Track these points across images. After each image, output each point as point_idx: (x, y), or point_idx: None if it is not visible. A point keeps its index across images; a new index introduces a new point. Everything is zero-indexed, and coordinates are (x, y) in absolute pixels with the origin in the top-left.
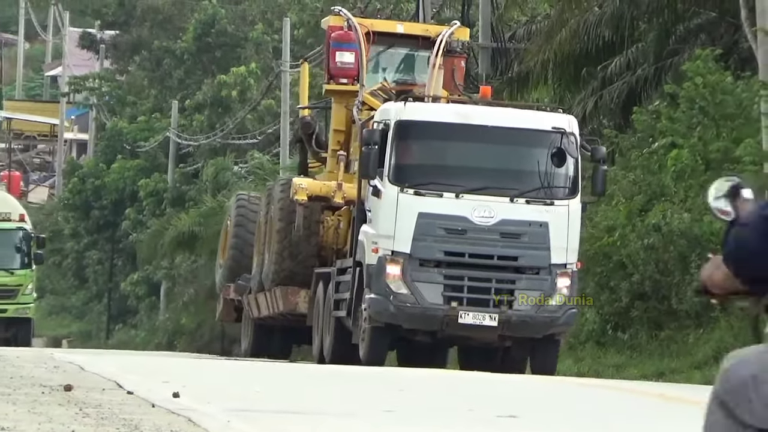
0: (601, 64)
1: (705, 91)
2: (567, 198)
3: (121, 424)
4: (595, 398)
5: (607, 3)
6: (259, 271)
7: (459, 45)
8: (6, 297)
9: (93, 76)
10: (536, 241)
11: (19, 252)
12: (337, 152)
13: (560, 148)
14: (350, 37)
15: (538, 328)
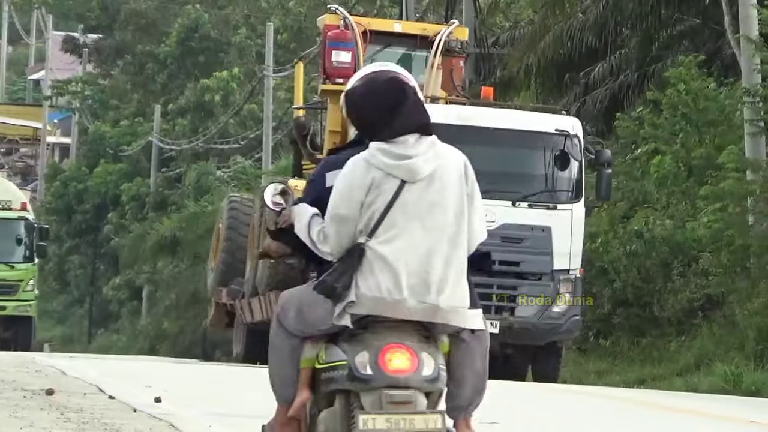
0: (584, 70)
1: (688, 97)
2: (570, 202)
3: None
4: (577, 405)
5: (591, 9)
6: (252, 275)
7: (458, 45)
8: (5, 293)
9: (76, 80)
10: (538, 247)
11: (21, 244)
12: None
13: (564, 150)
14: (347, 36)
15: (540, 335)
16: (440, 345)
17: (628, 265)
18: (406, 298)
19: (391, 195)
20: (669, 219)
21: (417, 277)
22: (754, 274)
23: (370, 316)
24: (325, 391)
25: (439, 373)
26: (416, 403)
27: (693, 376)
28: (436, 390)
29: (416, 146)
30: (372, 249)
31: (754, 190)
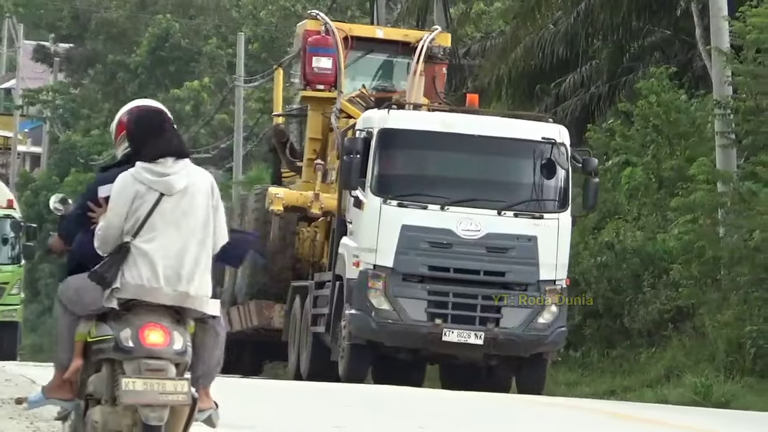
0: (555, 81)
1: (659, 109)
2: (557, 211)
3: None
4: (546, 416)
5: (562, 20)
6: (231, 284)
7: (440, 51)
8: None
9: (47, 89)
10: (524, 256)
11: (6, 244)
12: (315, 161)
13: (550, 159)
14: (328, 42)
15: (525, 346)
16: (188, 327)
17: (598, 276)
18: (162, 286)
19: (151, 204)
20: (640, 230)
21: (171, 270)
22: (724, 285)
23: (133, 300)
24: (95, 360)
25: (186, 348)
26: (168, 371)
27: (663, 388)
28: (184, 362)
29: (173, 167)
30: (136, 246)
31: (724, 201)
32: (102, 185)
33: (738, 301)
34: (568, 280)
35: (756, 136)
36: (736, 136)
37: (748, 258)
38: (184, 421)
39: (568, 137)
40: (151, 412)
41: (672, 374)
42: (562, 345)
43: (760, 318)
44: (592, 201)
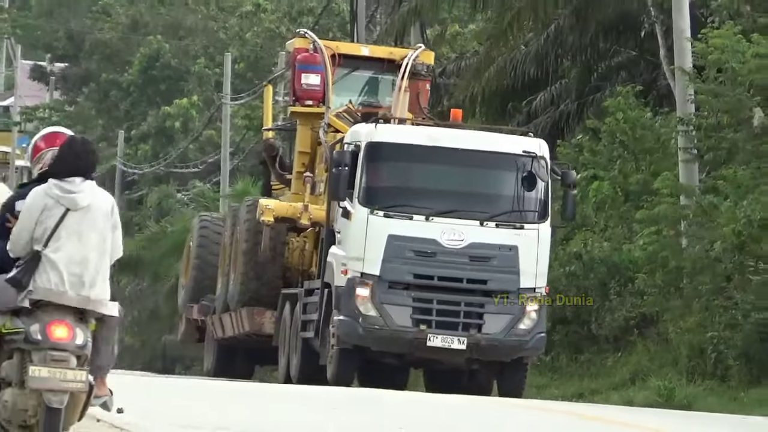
0: (526, 99)
1: (625, 126)
2: (537, 222)
3: None
4: (518, 417)
5: (532, 41)
6: (224, 292)
7: (424, 68)
8: None
9: (43, 107)
10: (506, 265)
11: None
12: (304, 174)
13: (531, 171)
14: (316, 60)
15: (506, 351)
16: (89, 324)
17: (567, 284)
18: (68, 291)
19: (59, 217)
20: (606, 241)
21: (75, 277)
22: (687, 293)
23: (43, 300)
24: (8, 349)
25: (87, 343)
26: (69, 361)
27: (628, 391)
28: (84, 354)
29: (80, 186)
30: (45, 255)
31: (687, 214)
32: (19, 200)
33: (700, 309)
34: (547, 288)
35: (717, 151)
36: (698, 151)
37: (709, 268)
38: (81, 405)
39: (547, 151)
40: (53, 396)
41: (637, 378)
42: (542, 350)
43: (720, 325)
44: (570, 212)
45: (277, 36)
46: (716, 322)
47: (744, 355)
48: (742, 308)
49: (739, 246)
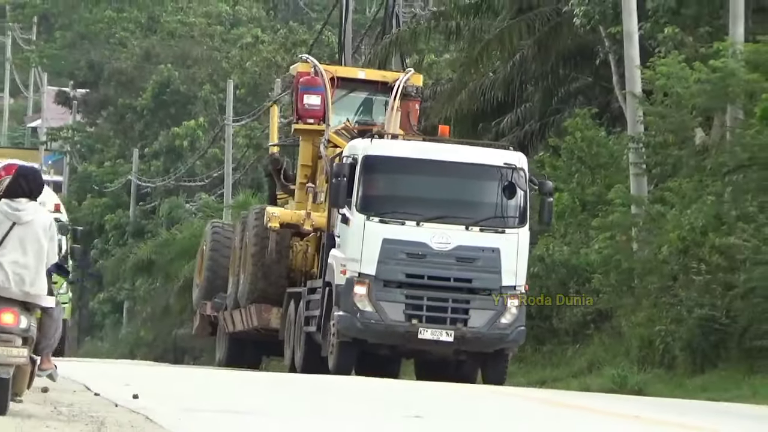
0: (494, 120)
1: (583, 144)
2: (517, 227)
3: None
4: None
5: (500, 69)
6: (234, 291)
7: (414, 90)
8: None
9: (67, 128)
10: (489, 265)
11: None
12: (306, 185)
13: (511, 181)
14: (317, 82)
15: (489, 343)
16: (34, 313)
17: (531, 285)
18: (12, 287)
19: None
20: (566, 246)
21: (18, 276)
22: (637, 292)
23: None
24: None
25: (30, 327)
26: (14, 341)
27: (586, 378)
28: (29, 337)
29: (25, 205)
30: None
31: (637, 221)
32: None
33: (649, 305)
34: (526, 286)
35: (663, 166)
36: (647, 166)
37: (657, 269)
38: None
39: (526, 163)
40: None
41: (593, 367)
42: (522, 342)
43: (667, 319)
44: (547, 218)
45: (274, 65)
46: (664, 317)
47: (688, 346)
48: (686, 305)
49: (683, 250)
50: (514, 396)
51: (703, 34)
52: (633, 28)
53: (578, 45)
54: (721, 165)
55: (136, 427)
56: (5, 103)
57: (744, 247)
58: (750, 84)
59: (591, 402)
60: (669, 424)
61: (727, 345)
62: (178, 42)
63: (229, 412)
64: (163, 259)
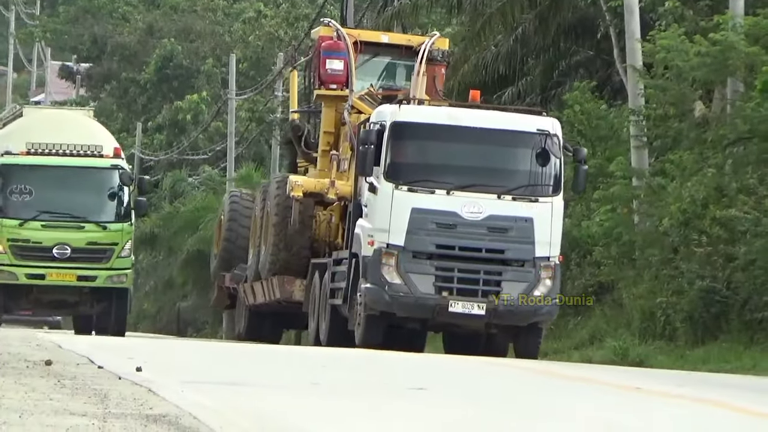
0: (496, 94)
1: (583, 117)
2: (550, 195)
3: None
4: (492, 374)
5: (502, 43)
6: (255, 262)
7: (440, 54)
8: (95, 260)
9: (70, 102)
10: (522, 236)
11: (114, 199)
12: (330, 152)
13: (544, 148)
14: (339, 46)
15: (522, 316)
16: None
17: None
18: None
19: None
20: (568, 218)
21: None
22: (638, 264)
23: None
24: None
25: None
26: None
27: (587, 350)
28: None
29: None
30: None
31: (638, 194)
32: None
33: (650, 277)
34: (561, 256)
35: (664, 139)
36: (648, 139)
37: (658, 241)
38: None
39: (560, 129)
40: None
41: (595, 339)
42: (555, 315)
43: (668, 291)
44: (581, 186)
45: (276, 39)
46: (665, 289)
47: (689, 318)
48: (687, 277)
49: (684, 222)
50: (516, 368)
51: (703, 8)
52: (634, 2)
53: (579, 18)
54: (721, 137)
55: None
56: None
57: (744, 219)
58: (750, 57)
59: (592, 374)
60: (670, 396)
61: (728, 317)
62: (180, 16)
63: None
64: (166, 233)
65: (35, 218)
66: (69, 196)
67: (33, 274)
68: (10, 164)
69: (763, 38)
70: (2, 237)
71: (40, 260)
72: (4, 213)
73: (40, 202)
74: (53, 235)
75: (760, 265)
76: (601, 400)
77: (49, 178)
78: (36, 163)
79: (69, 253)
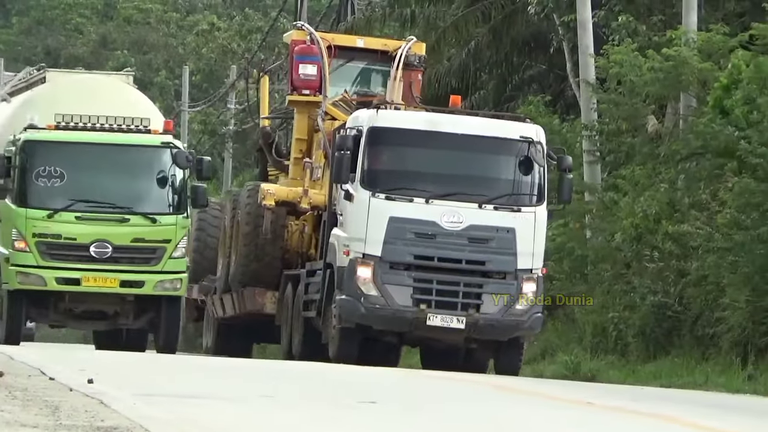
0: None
1: None
2: (534, 205)
3: (44, 404)
4: (446, 388)
5: (455, 57)
6: (224, 273)
7: (416, 59)
8: (142, 261)
9: None
10: (503, 247)
11: (165, 185)
12: (302, 160)
13: (527, 156)
14: (313, 51)
15: (504, 331)
16: None
17: None
18: None
19: None
20: None
21: None
22: (590, 279)
23: None
24: None
25: None
26: None
27: (539, 365)
28: None
29: None
30: None
31: (591, 209)
32: None
33: (602, 292)
34: (544, 269)
35: (617, 154)
36: (600, 153)
37: (610, 256)
38: None
39: (544, 136)
40: None
41: (547, 353)
42: (539, 329)
43: (620, 306)
44: (566, 195)
45: (229, 51)
46: (616, 304)
47: (641, 333)
48: (639, 292)
49: (636, 237)
50: (468, 382)
51: (656, 23)
52: (587, 17)
53: (533, 33)
54: (674, 153)
55: (91, 411)
56: None
57: (697, 235)
58: (703, 72)
59: (544, 388)
60: (621, 411)
61: (680, 332)
62: (134, 28)
63: (185, 397)
64: None
65: (68, 208)
66: (109, 182)
67: (65, 279)
68: (36, 141)
69: (715, 54)
70: (27, 232)
71: (74, 261)
72: (28, 202)
73: (73, 189)
74: (90, 230)
75: (711, 280)
76: (552, 415)
77: (85, 158)
78: (68, 139)
79: (110, 253)
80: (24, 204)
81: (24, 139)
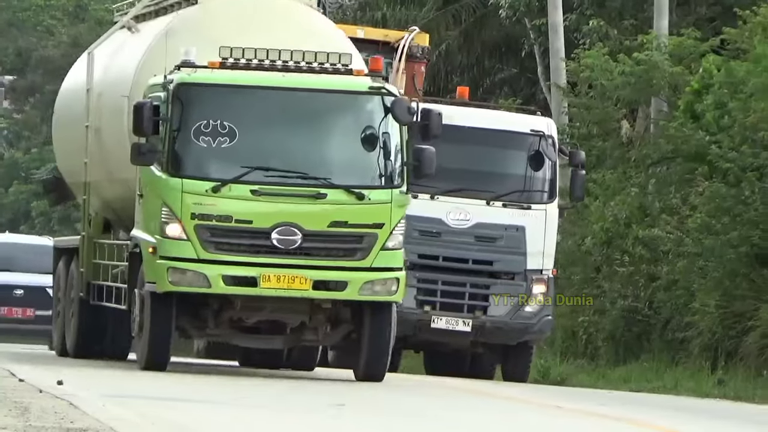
0: None
1: None
2: (545, 202)
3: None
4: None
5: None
6: None
7: (419, 50)
8: (344, 253)
9: None
10: (512, 246)
11: (375, 149)
12: None
13: (538, 151)
14: None
15: (512, 334)
16: None
17: None
18: None
19: None
20: None
21: None
22: (561, 283)
23: None
24: None
25: None
26: None
27: None
28: None
29: None
30: None
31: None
32: None
33: (572, 296)
34: (554, 270)
35: (588, 158)
36: None
37: (581, 260)
38: None
39: (555, 130)
40: None
41: None
42: (548, 333)
43: (590, 311)
44: (579, 192)
45: None
46: (586, 309)
47: (611, 337)
48: (609, 296)
49: (607, 241)
50: (436, 386)
51: (627, 27)
52: (558, 20)
53: (504, 36)
54: (645, 157)
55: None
56: None
57: (667, 239)
58: (674, 77)
59: (513, 392)
60: (590, 414)
61: (650, 336)
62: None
63: (154, 399)
64: None
65: (241, 179)
66: (299, 142)
67: (237, 278)
68: (197, 84)
69: (686, 58)
70: (183, 212)
71: (249, 253)
72: (185, 170)
73: (248, 152)
74: (272, 210)
75: (682, 285)
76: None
77: (265, 109)
78: (242, 82)
79: (299, 242)
80: (178, 173)
81: (178, 82)
